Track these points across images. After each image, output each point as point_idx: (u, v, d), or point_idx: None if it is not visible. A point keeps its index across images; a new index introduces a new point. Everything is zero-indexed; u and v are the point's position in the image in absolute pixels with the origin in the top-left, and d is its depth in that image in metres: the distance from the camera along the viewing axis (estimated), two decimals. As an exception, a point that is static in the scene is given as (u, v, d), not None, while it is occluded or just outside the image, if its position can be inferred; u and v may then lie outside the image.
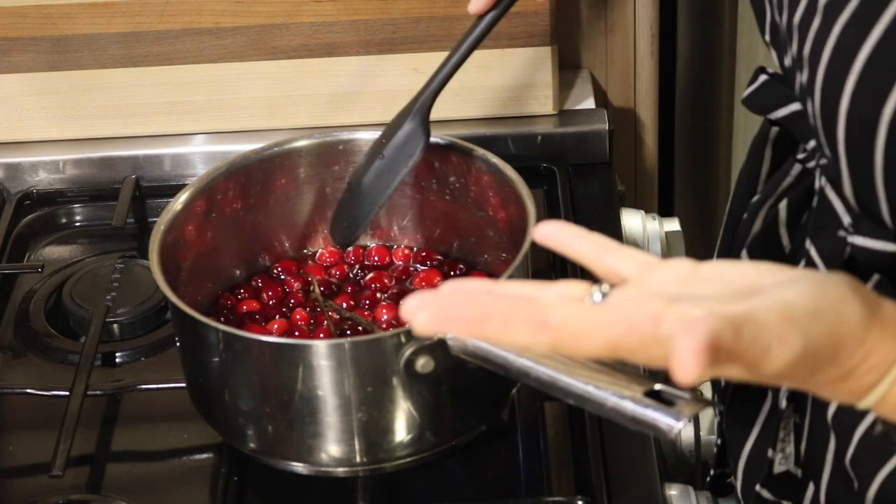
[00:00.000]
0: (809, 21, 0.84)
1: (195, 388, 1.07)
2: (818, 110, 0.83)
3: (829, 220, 0.89)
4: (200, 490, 1.07)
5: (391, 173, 1.12)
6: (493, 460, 1.08)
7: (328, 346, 0.97)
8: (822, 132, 0.84)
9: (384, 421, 1.00)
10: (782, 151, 0.99)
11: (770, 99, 0.97)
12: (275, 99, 1.36)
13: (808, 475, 0.95)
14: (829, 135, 0.83)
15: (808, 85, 0.84)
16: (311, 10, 1.32)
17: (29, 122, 1.37)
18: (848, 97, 0.80)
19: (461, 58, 1.11)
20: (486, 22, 1.09)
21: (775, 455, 0.96)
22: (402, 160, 1.11)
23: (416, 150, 1.11)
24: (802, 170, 0.95)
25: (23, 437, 1.13)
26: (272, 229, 1.19)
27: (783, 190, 0.95)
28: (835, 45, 0.81)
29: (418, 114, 1.11)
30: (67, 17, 1.32)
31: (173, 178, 1.37)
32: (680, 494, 1.06)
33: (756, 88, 0.98)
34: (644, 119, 1.50)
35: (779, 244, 0.96)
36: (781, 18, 0.89)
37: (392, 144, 1.11)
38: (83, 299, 1.21)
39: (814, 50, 0.83)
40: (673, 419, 0.81)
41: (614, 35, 1.45)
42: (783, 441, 0.96)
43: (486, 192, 1.13)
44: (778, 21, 0.90)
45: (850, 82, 0.80)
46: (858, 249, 0.86)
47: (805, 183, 0.94)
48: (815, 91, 0.83)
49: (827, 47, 0.81)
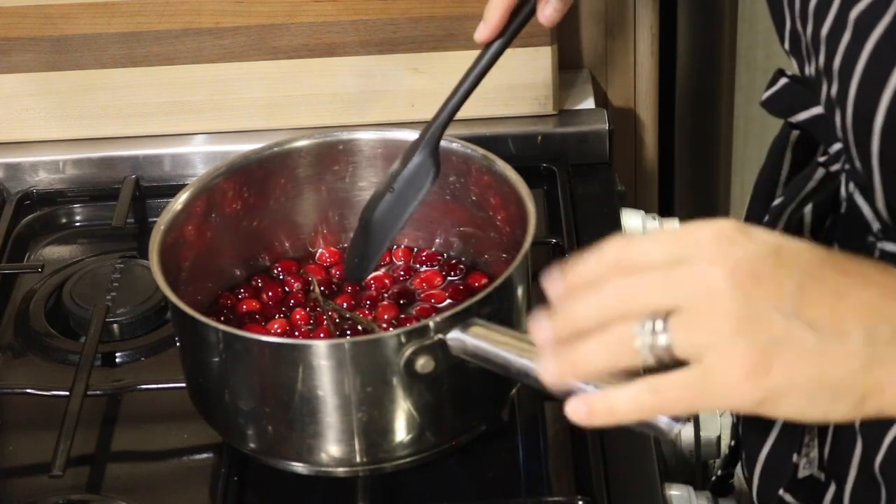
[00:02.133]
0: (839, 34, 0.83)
1: (195, 388, 1.07)
2: (850, 124, 0.83)
3: (857, 226, 0.88)
4: (200, 490, 1.07)
5: (401, 207, 1.11)
6: (493, 460, 1.08)
7: (328, 346, 0.97)
8: (853, 145, 0.83)
9: (384, 421, 1.00)
10: (802, 155, 0.99)
11: (791, 102, 0.96)
12: (275, 99, 1.36)
13: (831, 478, 0.95)
14: (862, 149, 0.82)
15: (838, 98, 0.84)
16: (311, 10, 1.32)
17: (29, 122, 1.37)
18: (883, 113, 0.80)
19: (469, 88, 1.09)
20: (493, 51, 1.08)
21: (800, 460, 0.95)
22: (412, 193, 1.10)
23: (425, 182, 1.10)
24: (826, 174, 0.94)
25: (23, 437, 1.13)
26: (272, 229, 1.19)
27: (806, 194, 0.94)
28: (868, 61, 0.80)
29: (427, 146, 1.10)
30: (67, 17, 1.32)
31: (173, 178, 1.37)
32: (680, 494, 1.06)
33: (776, 91, 0.98)
34: (644, 119, 1.50)
35: None
36: (806, 30, 0.88)
37: (402, 178, 1.10)
38: (83, 299, 1.21)
39: (844, 65, 0.83)
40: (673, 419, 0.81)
41: (614, 35, 1.45)
42: (807, 446, 0.95)
43: (487, 192, 1.13)
44: (801, 31, 0.90)
45: (885, 98, 0.79)
46: (888, 255, 0.86)
47: (829, 188, 0.93)
48: (848, 106, 0.82)
49: (860, 62, 0.81)
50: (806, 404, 0.71)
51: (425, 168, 1.10)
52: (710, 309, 0.70)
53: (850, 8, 0.82)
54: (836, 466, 0.94)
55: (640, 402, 0.73)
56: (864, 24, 0.81)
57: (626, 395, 0.73)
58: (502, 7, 1.06)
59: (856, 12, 0.82)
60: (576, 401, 0.75)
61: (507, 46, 1.08)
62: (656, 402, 0.72)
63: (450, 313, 0.96)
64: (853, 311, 0.70)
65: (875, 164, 0.82)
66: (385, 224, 1.11)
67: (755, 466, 1.02)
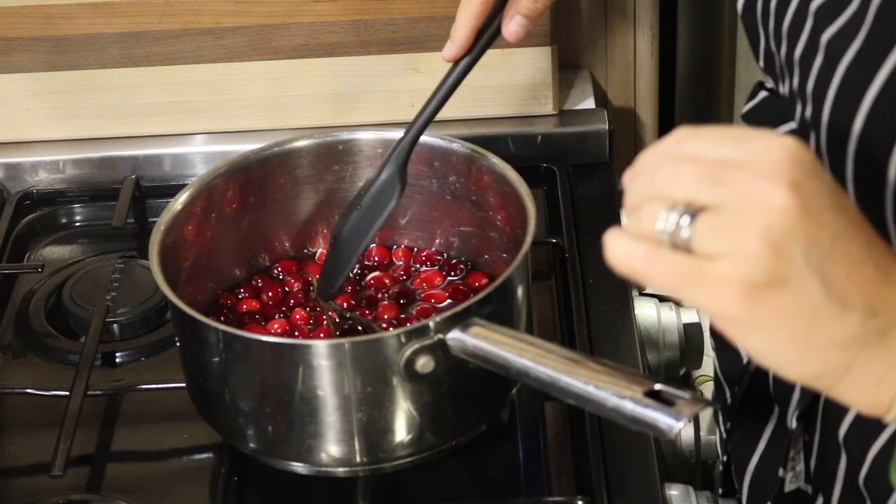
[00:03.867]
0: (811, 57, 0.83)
1: (195, 388, 1.07)
2: (824, 146, 0.83)
3: None
4: (200, 490, 1.07)
5: (367, 223, 1.11)
6: (493, 460, 1.08)
7: (328, 346, 0.97)
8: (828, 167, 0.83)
9: (384, 421, 1.00)
10: None
11: (769, 116, 0.96)
12: (275, 99, 1.36)
13: (817, 492, 0.95)
14: (838, 172, 0.82)
15: (812, 121, 0.84)
16: (311, 10, 1.32)
17: (29, 122, 1.37)
18: (856, 137, 0.80)
19: (437, 106, 1.08)
20: (461, 69, 1.08)
21: (786, 474, 0.95)
22: (378, 209, 1.10)
23: (391, 199, 1.09)
24: None
25: (23, 437, 1.13)
26: (272, 229, 1.19)
27: None
28: (840, 85, 0.80)
29: (395, 162, 1.09)
30: (67, 17, 1.32)
31: (173, 178, 1.37)
32: (680, 494, 1.06)
33: (756, 105, 0.98)
34: (644, 119, 1.50)
35: None
36: (780, 51, 0.89)
37: (369, 194, 1.10)
38: (83, 299, 1.21)
39: (817, 87, 0.83)
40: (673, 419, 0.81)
41: (614, 35, 1.45)
42: (793, 460, 0.95)
43: (487, 192, 1.13)
44: (774, 51, 0.90)
45: (857, 123, 0.79)
46: None
47: None
48: (822, 129, 0.83)
49: (832, 86, 0.81)
50: (773, 348, 0.70)
51: (392, 184, 1.09)
52: (748, 220, 0.68)
53: (822, 31, 0.82)
54: (822, 480, 0.94)
55: (630, 256, 0.71)
56: (836, 48, 0.81)
57: (624, 243, 0.71)
58: (469, 26, 1.07)
59: (827, 36, 0.82)
60: (619, 237, 0.72)
61: (475, 63, 1.08)
62: (642, 268, 0.70)
63: (450, 313, 0.96)
64: (864, 287, 0.69)
65: (850, 187, 0.82)
66: (353, 240, 1.11)
67: (744, 479, 1.02)
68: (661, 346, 1.27)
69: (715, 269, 0.68)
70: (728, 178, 0.69)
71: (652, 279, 0.70)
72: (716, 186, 0.69)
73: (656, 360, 1.27)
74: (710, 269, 0.68)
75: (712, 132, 0.71)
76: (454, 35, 1.07)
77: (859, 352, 0.70)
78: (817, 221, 0.68)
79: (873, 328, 0.70)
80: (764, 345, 0.70)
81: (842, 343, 0.70)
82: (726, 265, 0.68)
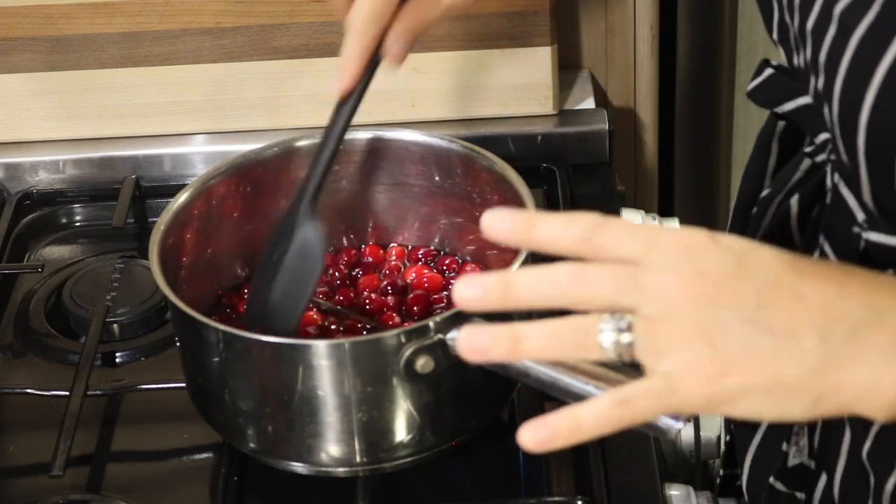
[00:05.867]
0: (824, 28, 0.84)
1: (195, 388, 1.07)
2: (836, 118, 0.83)
3: (843, 216, 0.89)
4: (200, 490, 1.07)
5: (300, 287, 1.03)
6: (493, 460, 1.08)
7: (328, 346, 0.97)
8: (840, 140, 0.84)
9: (384, 421, 1.00)
10: (789, 145, 0.99)
11: (776, 92, 0.96)
12: (275, 99, 1.36)
13: (820, 467, 0.95)
14: (849, 143, 0.83)
15: (825, 92, 0.84)
16: (311, 10, 1.32)
17: (29, 122, 1.37)
18: (868, 108, 0.80)
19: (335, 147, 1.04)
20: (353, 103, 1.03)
21: (790, 448, 0.96)
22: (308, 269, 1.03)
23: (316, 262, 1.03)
24: (812, 164, 0.94)
25: (23, 437, 1.13)
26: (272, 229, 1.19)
27: (793, 185, 0.95)
28: (853, 56, 0.81)
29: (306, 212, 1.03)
30: (67, 17, 1.32)
31: (173, 178, 1.37)
32: (680, 494, 1.06)
33: (762, 81, 0.98)
34: (644, 119, 1.50)
35: (790, 240, 0.95)
36: (793, 22, 0.89)
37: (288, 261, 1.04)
38: (83, 299, 1.21)
39: (830, 59, 0.83)
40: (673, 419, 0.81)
41: (614, 35, 1.45)
42: (797, 434, 0.96)
43: (487, 191, 1.13)
44: (789, 23, 0.90)
45: (870, 94, 0.80)
46: (873, 245, 0.86)
47: (815, 178, 0.94)
48: (834, 100, 0.83)
49: (845, 57, 0.81)
50: (764, 404, 0.73)
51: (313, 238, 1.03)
52: (671, 315, 0.72)
53: (835, 3, 0.82)
54: (825, 455, 0.94)
55: (609, 415, 0.74)
56: (849, 18, 0.81)
57: (593, 410, 0.74)
58: (361, 59, 1.02)
59: (840, 7, 0.82)
60: (532, 425, 0.75)
61: (364, 95, 1.03)
62: (626, 413, 0.74)
63: (450, 313, 0.96)
64: (808, 314, 0.72)
65: (861, 159, 0.82)
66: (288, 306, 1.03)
67: (746, 456, 1.02)
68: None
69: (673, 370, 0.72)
70: (641, 281, 0.72)
71: (638, 416, 0.74)
72: (634, 291, 0.72)
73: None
74: (671, 371, 0.72)
75: (618, 225, 0.74)
76: (346, 68, 1.02)
77: (836, 368, 0.72)
78: (732, 289, 0.72)
79: (837, 341, 0.72)
80: (755, 404, 0.73)
81: (813, 368, 0.72)
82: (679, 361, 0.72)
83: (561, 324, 0.74)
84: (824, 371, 0.72)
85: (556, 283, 0.73)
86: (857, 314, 0.72)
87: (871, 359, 0.72)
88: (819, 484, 0.95)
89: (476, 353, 0.75)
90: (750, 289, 0.72)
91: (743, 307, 0.72)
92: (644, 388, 0.73)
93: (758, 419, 0.75)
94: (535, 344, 0.75)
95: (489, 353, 0.75)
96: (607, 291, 0.73)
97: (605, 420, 0.74)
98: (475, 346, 0.75)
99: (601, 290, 0.73)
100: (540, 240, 0.75)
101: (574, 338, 0.74)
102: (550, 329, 0.74)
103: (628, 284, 0.72)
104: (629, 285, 0.72)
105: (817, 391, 0.72)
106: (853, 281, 0.74)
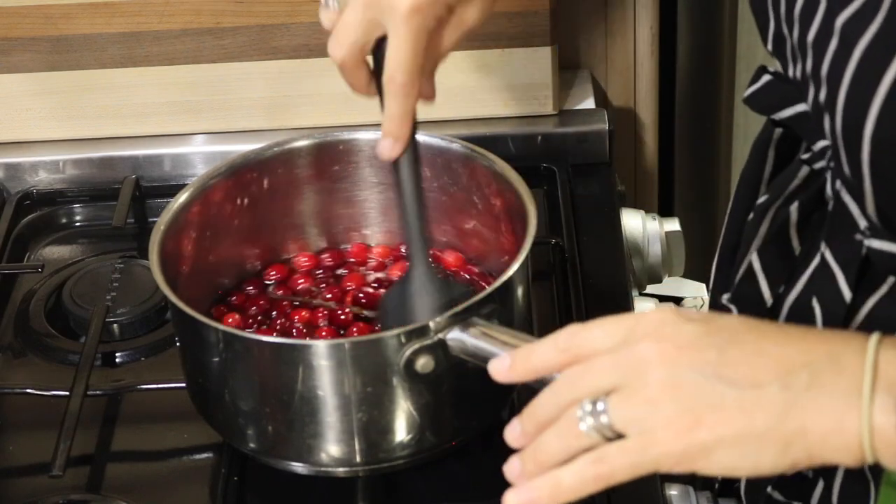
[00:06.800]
0: (826, 41, 0.83)
1: (195, 388, 1.07)
2: (840, 130, 0.83)
3: (844, 223, 0.88)
4: (200, 490, 1.07)
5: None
6: (493, 460, 1.07)
7: (328, 346, 0.97)
8: (843, 151, 0.83)
9: (384, 421, 1.00)
10: (785, 152, 0.99)
11: (774, 99, 0.96)
12: (275, 99, 1.36)
13: (818, 475, 0.95)
14: (852, 155, 0.83)
15: (827, 104, 0.84)
16: (311, 10, 1.32)
17: (29, 122, 1.37)
18: (873, 121, 0.80)
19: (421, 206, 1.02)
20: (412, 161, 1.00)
21: None
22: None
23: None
24: (810, 171, 0.94)
25: (23, 437, 1.13)
26: (272, 229, 1.19)
27: (791, 192, 0.95)
28: (856, 69, 0.81)
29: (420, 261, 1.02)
30: (67, 17, 1.32)
31: (173, 178, 1.37)
32: (680, 494, 1.06)
33: (759, 88, 0.98)
34: (644, 119, 1.50)
35: (789, 247, 0.95)
36: (792, 34, 0.88)
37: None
38: (83, 299, 1.21)
39: (832, 71, 0.83)
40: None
41: (614, 35, 1.45)
42: None
43: (486, 192, 1.13)
44: (786, 34, 0.90)
45: (874, 106, 0.80)
46: (875, 252, 0.86)
47: (814, 185, 0.94)
48: (837, 112, 0.83)
49: (848, 69, 0.81)
50: (735, 455, 0.76)
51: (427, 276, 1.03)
52: (642, 382, 0.77)
53: (836, 15, 0.82)
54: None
55: (586, 473, 0.78)
56: (851, 31, 0.81)
57: (572, 470, 0.79)
58: (409, 120, 1.00)
59: (842, 19, 0.82)
60: (515, 491, 0.81)
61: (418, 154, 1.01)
62: (601, 471, 0.78)
63: (450, 313, 0.96)
64: (769, 366, 0.76)
65: (866, 170, 0.82)
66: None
67: None
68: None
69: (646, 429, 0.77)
70: (617, 360, 0.78)
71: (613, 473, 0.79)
72: (613, 371, 0.78)
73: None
74: (644, 430, 0.77)
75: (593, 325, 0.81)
76: (394, 130, 0.99)
77: (801, 412, 0.75)
78: (695, 349, 0.77)
79: (799, 388, 0.75)
80: (727, 457, 0.76)
81: (778, 415, 0.75)
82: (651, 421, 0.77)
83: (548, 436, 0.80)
84: (790, 416, 0.75)
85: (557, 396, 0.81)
86: (817, 361, 0.76)
87: (832, 401, 0.75)
88: (815, 492, 0.95)
89: None
90: (713, 349, 0.77)
91: (707, 364, 0.76)
92: (620, 447, 0.77)
93: (732, 474, 0.78)
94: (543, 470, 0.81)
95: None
96: (591, 380, 0.79)
97: (582, 479, 0.78)
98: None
99: (587, 381, 0.79)
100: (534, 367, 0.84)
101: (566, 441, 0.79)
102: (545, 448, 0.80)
103: (606, 367, 0.79)
104: (607, 368, 0.79)
105: (784, 438, 0.75)
106: (812, 336, 0.78)
